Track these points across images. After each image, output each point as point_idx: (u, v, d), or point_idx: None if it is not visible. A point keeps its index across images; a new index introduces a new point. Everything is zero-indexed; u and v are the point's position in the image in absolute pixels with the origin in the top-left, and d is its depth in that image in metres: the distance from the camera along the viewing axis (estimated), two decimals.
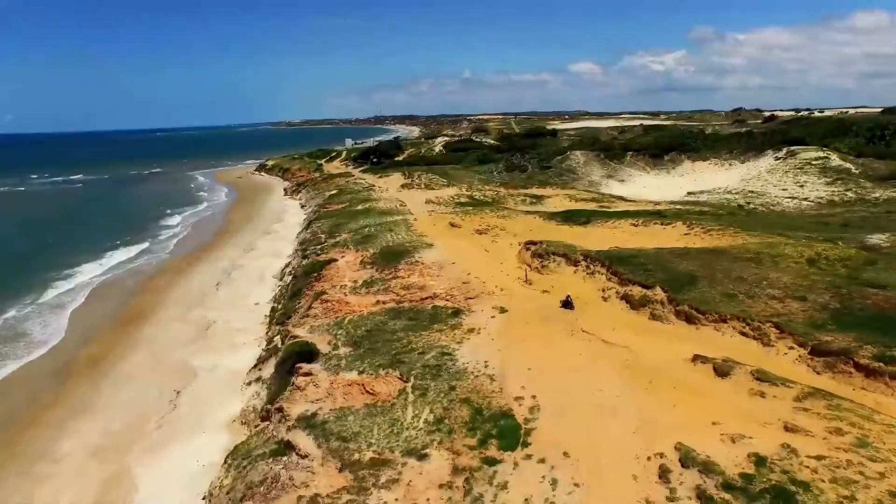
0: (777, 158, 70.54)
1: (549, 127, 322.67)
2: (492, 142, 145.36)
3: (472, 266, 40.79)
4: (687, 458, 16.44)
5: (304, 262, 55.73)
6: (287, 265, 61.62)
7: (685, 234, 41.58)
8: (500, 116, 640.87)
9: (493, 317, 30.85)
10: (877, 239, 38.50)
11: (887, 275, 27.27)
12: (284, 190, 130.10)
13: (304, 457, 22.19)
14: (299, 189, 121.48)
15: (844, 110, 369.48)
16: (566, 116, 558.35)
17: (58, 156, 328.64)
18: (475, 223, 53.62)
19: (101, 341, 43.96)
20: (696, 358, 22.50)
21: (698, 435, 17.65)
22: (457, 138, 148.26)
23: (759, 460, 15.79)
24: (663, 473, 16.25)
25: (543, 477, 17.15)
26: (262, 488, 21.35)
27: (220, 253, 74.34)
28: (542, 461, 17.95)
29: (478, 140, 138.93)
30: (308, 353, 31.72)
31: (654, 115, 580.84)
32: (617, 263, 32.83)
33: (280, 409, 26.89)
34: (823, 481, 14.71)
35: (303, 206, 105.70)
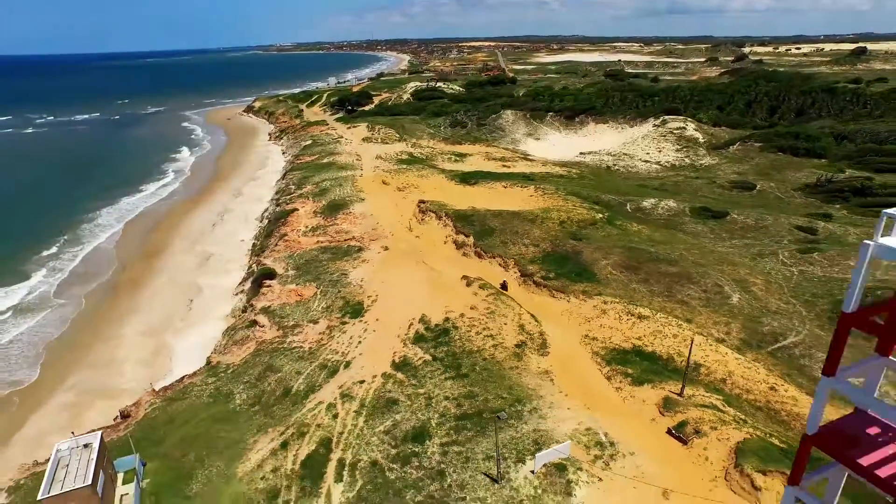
0: (654, 126, 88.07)
1: (533, 60, 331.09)
2: (456, 89, 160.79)
3: (383, 217, 60.85)
4: (421, 320, 37.47)
5: (277, 209, 75.79)
6: (266, 210, 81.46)
7: (530, 196, 61.23)
8: (493, 44, 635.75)
9: (378, 252, 51.32)
10: (647, 203, 57.93)
11: (593, 233, 47.34)
12: (269, 135, 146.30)
13: (262, 326, 43.44)
14: (281, 136, 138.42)
15: (821, 47, 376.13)
16: (555, 46, 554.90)
17: (53, 88, 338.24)
18: (400, 181, 72.98)
19: (134, 269, 64.83)
20: (463, 277, 43.19)
21: (435, 310, 38.59)
22: (425, 85, 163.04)
23: (447, 318, 36.81)
24: (410, 325, 37.32)
25: (361, 328, 38.25)
26: (239, 341, 42.69)
27: (213, 197, 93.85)
28: (365, 322, 39.09)
29: (441, 88, 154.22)
30: (270, 274, 52.65)
31: (649, 42, 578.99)
32: (458, 220, 52.93)
33: (252, 305, 48.05)
34: (465, 325, 35.76)
35: (283, 153, 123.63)
